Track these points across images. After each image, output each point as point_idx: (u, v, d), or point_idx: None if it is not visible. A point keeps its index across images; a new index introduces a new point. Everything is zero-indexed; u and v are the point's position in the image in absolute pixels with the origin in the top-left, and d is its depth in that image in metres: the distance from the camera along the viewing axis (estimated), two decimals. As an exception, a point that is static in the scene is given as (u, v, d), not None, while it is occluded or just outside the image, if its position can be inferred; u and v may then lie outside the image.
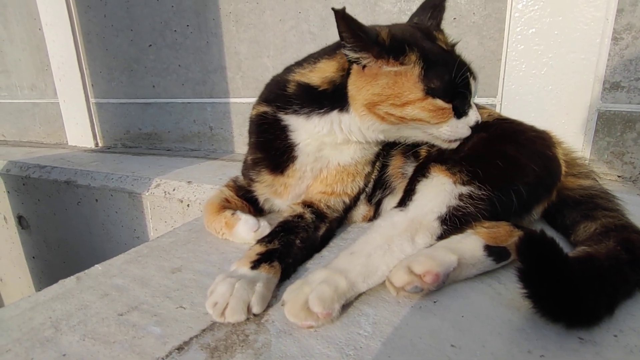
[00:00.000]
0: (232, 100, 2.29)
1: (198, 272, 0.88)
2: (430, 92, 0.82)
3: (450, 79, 0.83)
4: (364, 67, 0.84)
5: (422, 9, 1.00)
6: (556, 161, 0.93)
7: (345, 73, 0.88)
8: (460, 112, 0.87)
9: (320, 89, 0.90)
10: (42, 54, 2.85)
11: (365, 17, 1.83)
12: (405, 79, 0.82)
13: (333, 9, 0.76)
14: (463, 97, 0.86)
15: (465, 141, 0.91)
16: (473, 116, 0.88)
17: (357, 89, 0.86)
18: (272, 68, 2.12)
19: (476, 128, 0.90)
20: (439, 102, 0.83)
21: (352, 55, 0.83)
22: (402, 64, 0.82)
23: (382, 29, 0.83)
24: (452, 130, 0.87)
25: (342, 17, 0.76)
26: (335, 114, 0.90)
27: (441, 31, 0.95)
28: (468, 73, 0.86)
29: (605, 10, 1.40)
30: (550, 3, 1.47)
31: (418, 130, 0.89)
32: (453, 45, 0.93)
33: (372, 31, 0.81)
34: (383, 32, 0.82)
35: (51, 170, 2.14)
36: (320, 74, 0.90)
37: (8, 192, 2.33)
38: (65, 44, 2.63)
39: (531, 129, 0.97)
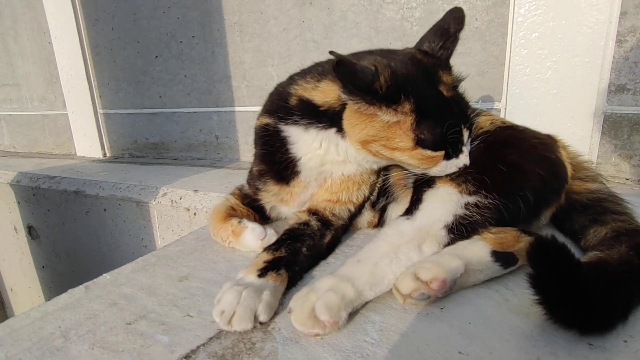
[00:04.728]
0: (237, 109, 2.31)
1: (205, 280, 0.89)
2: (420, 143, 0.81)
3: (441, 133, 0.81)
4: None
5: (433, 33, 0.94)
6: (561, 164, 0.93)
7: (342, 106, 0.86)
8: (450, 155, 0.85)
9: (321, 108, 0.89)
10: (51, 67, 2.91)
11: (368, 24, 1.85)
12: (397, 127, 0.81)
13: (331, 52, 0.74)
14: (455, 145, 0.85)
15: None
16: (462, 159, 0.86)
17: (351, 125, 0.85)
18: (276, 77, 2.14)
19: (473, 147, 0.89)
20: (428, 152, 0.82)
21: (345, 97, 0.81)
22: (396, 111, 0.80)
23: (384, 69, 0.78)
24: (440, 171, 0.87)
25: (339, 64, 0.73)
26: (332, 134, 0.90)
27: (448, 70, 0.90)
28: (462, 126, 0.84)
29: (608, 13, 1.40)
30: (553, 7, 1.47)
31: (409, 165, 0.90)
32: (456, 86, 0.89)
33: (369, 76, 0.76)
34: (383, 75, 0.77)
35: (60, 180, 2.17)
36: (322, 96, 0.88)
37: (18, 202, 2.36)
38: (74, 57, 2.69)
39: (533, 135, 0.96)
